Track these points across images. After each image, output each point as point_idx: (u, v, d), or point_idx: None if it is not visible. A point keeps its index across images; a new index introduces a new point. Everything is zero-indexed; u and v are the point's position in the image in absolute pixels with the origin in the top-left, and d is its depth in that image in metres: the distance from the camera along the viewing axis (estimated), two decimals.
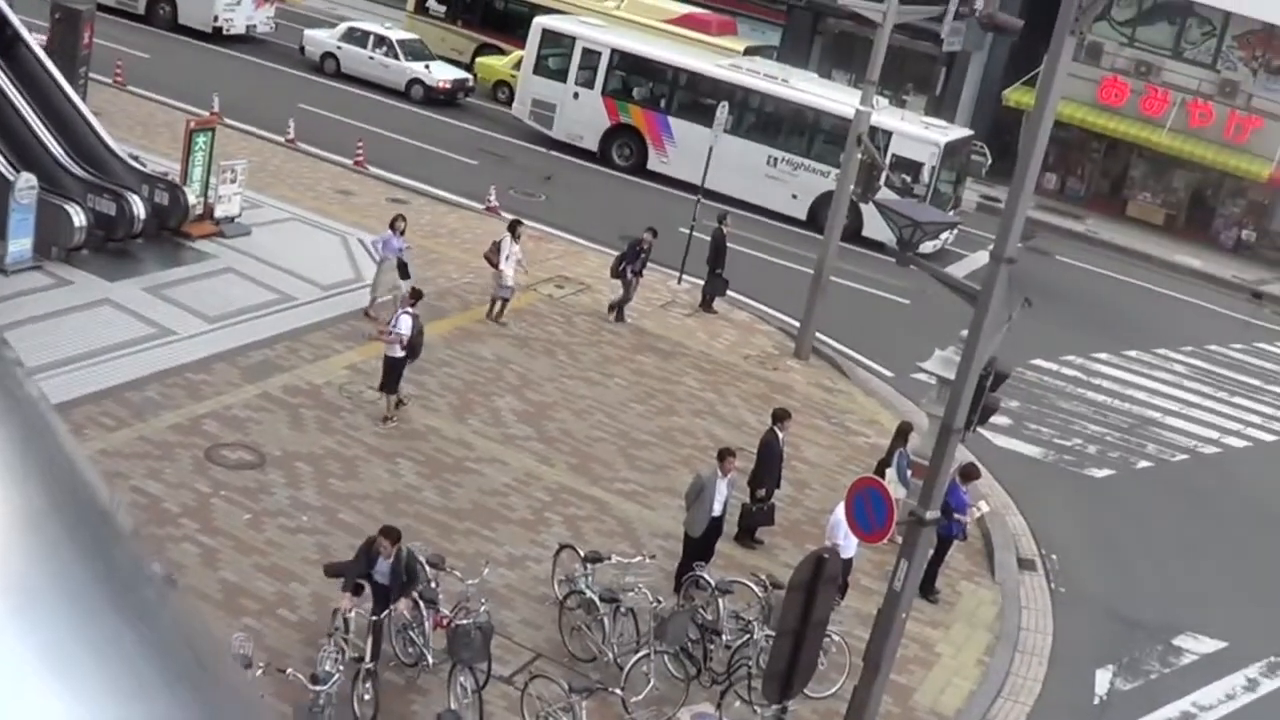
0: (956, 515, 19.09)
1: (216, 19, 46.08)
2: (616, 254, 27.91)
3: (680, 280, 30.26)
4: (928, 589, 19.25)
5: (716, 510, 18.47)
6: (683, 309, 29.04)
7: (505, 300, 26.24)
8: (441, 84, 43.86)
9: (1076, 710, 18.34)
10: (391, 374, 21.43)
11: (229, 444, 19.97)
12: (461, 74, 45.27)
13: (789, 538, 20.46)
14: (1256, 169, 44.62)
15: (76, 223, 24.69)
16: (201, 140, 27.84)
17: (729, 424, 23.85)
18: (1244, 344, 36.29)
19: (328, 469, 19.87)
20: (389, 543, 15.21)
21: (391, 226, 25.39)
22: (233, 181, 27.76)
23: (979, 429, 16.17)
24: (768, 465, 20.01)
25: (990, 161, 44.96)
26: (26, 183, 23.81)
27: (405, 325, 21.26)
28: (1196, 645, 20.41)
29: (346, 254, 28.32)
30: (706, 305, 29.31)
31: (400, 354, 21.33)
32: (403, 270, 25.06)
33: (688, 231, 30.02)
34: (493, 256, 26.08)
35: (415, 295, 22.24)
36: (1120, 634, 20.29)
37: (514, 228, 26.49)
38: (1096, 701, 18.56)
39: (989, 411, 15.67)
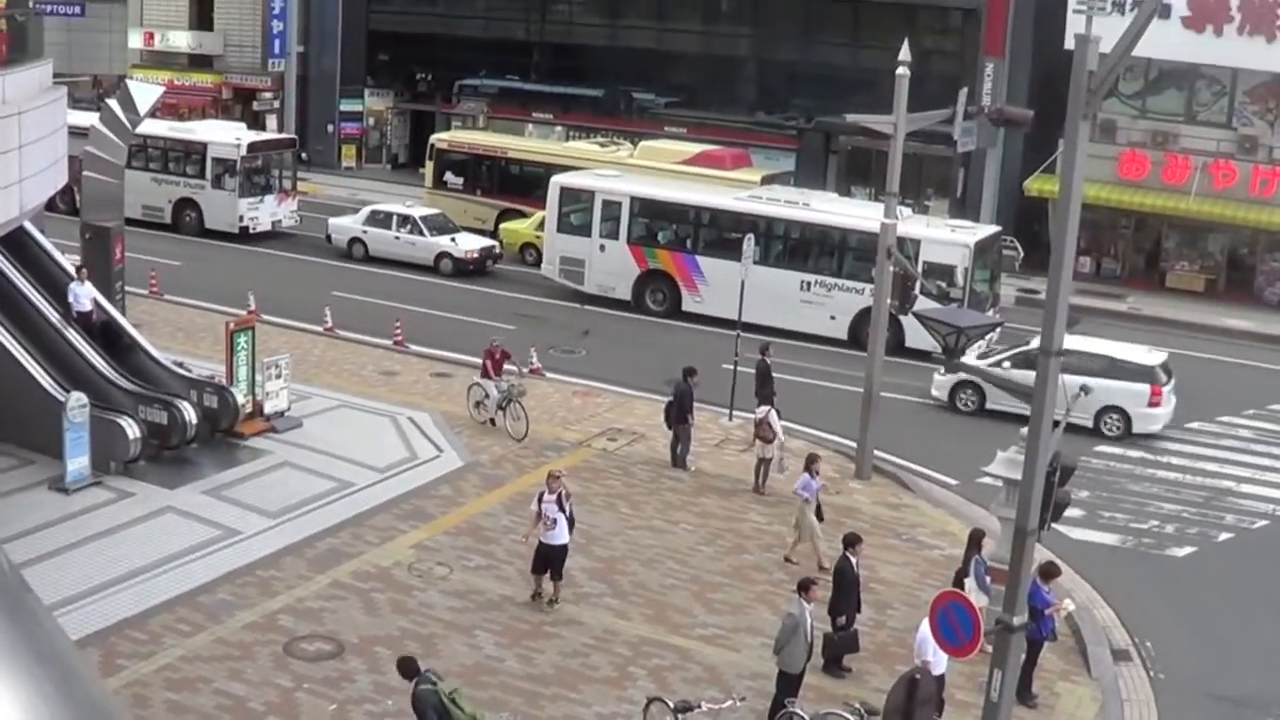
0: (1046, 611, 18.82)
1: (241, 219, 47.03)
2: (665, 402, 27.77)
3: (731, 417, 30.11)
4: (1025, 695, 18.87)
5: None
6: (737, 445, 28.87)
7: (768, 465, 26.54)
8: (469, 254, 44.24)
9: None
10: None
11: (306, 636, 19.91)
12: (487, 242, 45.70)
13: (877, 661, 20.14)
14: None
15: (130, 435, 24.93)
16: (243, 339, 28.07)
17: (800, 555, 23.60)
18: None
19: (407, 649, 19.68)
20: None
21: (808, 469, 23.69)
22: (278, 377, 27.98)
23: (1053, 525, 15.99)
24: (845, 592, 19.77)
25: (1022, 254, 44.98)
26: (77, 401, 24.07)
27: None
28: None
29: (398, 434, 28.31)
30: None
31: None
32: (818, 512, 23.93)
33: (732, 367, 30.00)
34: (766, 433, 26.27)
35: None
36: (1228, 714, 19.82)
37: (770, 400, 27.26)
38: None
39: (1061, 507, 15.50)
